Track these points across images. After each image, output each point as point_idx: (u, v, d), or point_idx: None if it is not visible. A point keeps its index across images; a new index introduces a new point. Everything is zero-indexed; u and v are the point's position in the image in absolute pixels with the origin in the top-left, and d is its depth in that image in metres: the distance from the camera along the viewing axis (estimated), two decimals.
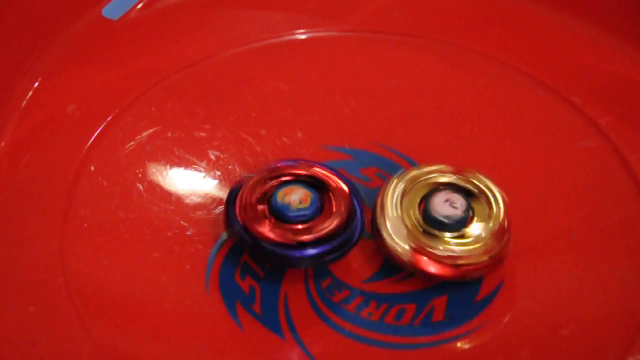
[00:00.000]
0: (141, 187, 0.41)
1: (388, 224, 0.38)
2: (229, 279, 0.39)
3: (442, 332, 0.38)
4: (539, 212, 0.41)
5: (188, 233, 0.40)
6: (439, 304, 0.38)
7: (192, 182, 0.42)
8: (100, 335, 0.37)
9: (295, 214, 0.38)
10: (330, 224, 0.38)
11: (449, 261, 0.37)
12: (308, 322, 0.38)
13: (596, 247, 0.40)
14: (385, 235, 0.38)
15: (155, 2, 0.48)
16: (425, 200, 0.38)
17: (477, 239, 0.37)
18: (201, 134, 0.43)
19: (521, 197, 0.41)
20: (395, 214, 0.38)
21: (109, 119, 0.44)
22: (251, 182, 0.39)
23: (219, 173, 0.42)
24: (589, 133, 0.43)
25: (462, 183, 0.38)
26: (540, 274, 0.39)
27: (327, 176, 0.39)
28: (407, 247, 0.37)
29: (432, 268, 0.37)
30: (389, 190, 0.39)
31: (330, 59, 0.47)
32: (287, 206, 0.38)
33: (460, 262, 0.37)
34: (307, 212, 0.38)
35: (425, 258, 0.37)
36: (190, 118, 0.44)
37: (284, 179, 0.39)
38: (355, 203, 0.39)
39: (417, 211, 0.38)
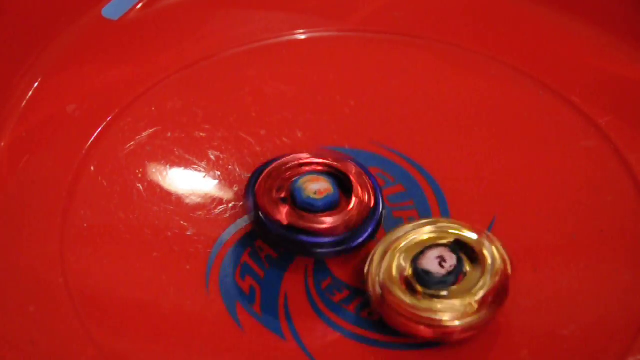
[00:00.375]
0: (141, 187, 0.41)
1: (373, 270, 0.37)
2: (229, 279, 0.39)
3: None
4: (539, 212, 0.41)
5: (188, 233, 0.40)
6: None
7: (192, 182, 0.42)
8: (100, 335, 0.37)
9: (306, 201, 0.38)
10: (334, 221, 0.38)
11: (413, 318, 0.36)
12: (308, 322, 0.38)
13: (596, 247, 0.40)
14: (369, 281, 0.37)
15: (155, 2, 0.48)
16: (421, 252, 0.37)
17: (453, 303, 0.36)
18: (201, 134, 0.43)
19: (521, 197, 0.41)
20: (384, 260, 0.37)
21: (109, 119, 0.44)
22: (281, 164, 0.39)
23: (218, 173, 0.42)
24: (589, 133, 0.43)
25: (468, 242, 0.37)
26: (540, 274, 0.39)
27: (354, 173, 0.39)
28: (379, 295, 0.37)
29: (397, 322, 0.36)
30: (396, 231, 0.38)
31: (330, 59, 0.47)
32: (302, 192, 0.38)
33: (428, 322, 0.36)
34: (318, 204, 0.38)
35: (392, 311, 0.36)
36: (190, 118, 0.44)
37: (309, 168, 0.39)
38: (374, 206, 0.39)
39: (410, 261, 0.37)
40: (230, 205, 0.41)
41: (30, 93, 0.44)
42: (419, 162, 0.42)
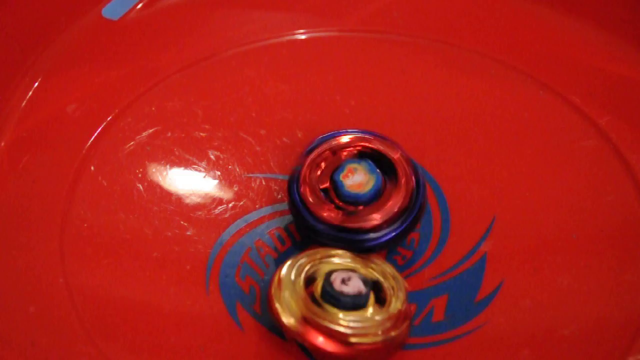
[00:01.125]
0: (141, 187, 0.41)
1: (283, 293, 0.36)
2: (229, 279, 0.39)
3: (442, 332, 0.38)
4: (539, 212, 0.41)
5: (188, 233, 0.40)
6: (439, 304, 0.38)
7: (192, 182, 0.42)
8: (100, 335, 0.37)
9: (353, 195, 0.38)
10: (390, 211, 0.38)
11: (339, 337, 0.35)
12: None
13: (596, 247, 0.40)
14: (277, 304, 0.36)
15: (155, 2, 0.48)
16: (325, 276, 0.37)
17: (372, 321, 0.36)
18: (201, 134, 0.43)
19: (521, 197, 0.41)
20: (291, 284, 0.37)
21: (109, 119, 0.44)
22: (315, 157, 0.39)
23: (218, 173, 0.42)
24: (589, 133, 0.43)
25: (363, 269, 0.37)
26: (540, 274, 0.39)
27: (391, 153, 0.39)
28: (298, 316, 0.36)
29: (321, 341, 0.36)
30: (291, 262, 0.37)
31: (330, 59, 0.47)
32: (346, 188, 0.38)
33: (351, 340, 0.35)
34: (365, 196, 0.38)
35: (314, 331, 0.36)
36: (190, 118, 0.44)
37: (347, 152, 0.39)
38: (419, 182, 0.39)
39: (316, 286, 0.37)
40: (230, 205, 0.41)
41: (30, 93, 0.44)
42: (419, 162, 0.42)
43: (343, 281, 0.36)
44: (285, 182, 0.41)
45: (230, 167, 0.42)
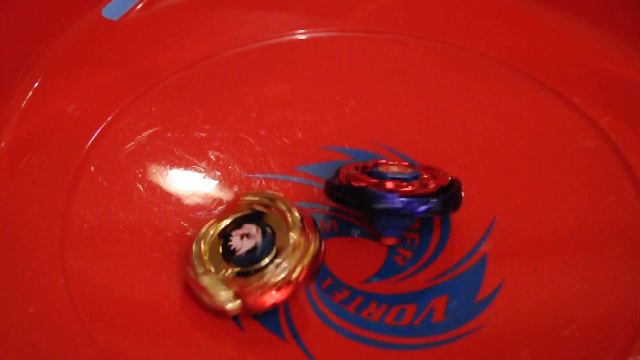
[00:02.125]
0: (141, 188, 0.41)
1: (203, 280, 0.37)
2: None
3: (442, 332, 0.38)
4: (539, 212, 0.41)
5: (188, 233, 0.40)
6: (439, 304, 0.38)
7: (192, 183, 0.42)
8: (100, 335, 0.37)
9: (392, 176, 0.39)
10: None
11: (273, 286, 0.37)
12: (308, 323, 0.38)
13: (596, 247, 0.40)
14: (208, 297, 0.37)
15: (155, 2, 0.48)
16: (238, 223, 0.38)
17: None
18: (201, 134, 0.43)
19: (521, 197, 0.41)
20: (206, 230, 0.38)
21: (109, 119, 0.44)
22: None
23: (219, 173, 0.42)
24: (589, 133, 0.43)
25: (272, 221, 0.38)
26: (540, 274, 0.39)
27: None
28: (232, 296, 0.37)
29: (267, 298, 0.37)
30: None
31: (330, 59, 0.47)
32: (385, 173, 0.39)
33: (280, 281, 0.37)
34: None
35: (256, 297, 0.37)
36: (190, 118, 0.44)
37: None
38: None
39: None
40: None
41: (30, 93, 0.44)
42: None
43: (244, 235, 0.37)
44: (285, 182, 0.41)
45: (230, 167, 0.42)
